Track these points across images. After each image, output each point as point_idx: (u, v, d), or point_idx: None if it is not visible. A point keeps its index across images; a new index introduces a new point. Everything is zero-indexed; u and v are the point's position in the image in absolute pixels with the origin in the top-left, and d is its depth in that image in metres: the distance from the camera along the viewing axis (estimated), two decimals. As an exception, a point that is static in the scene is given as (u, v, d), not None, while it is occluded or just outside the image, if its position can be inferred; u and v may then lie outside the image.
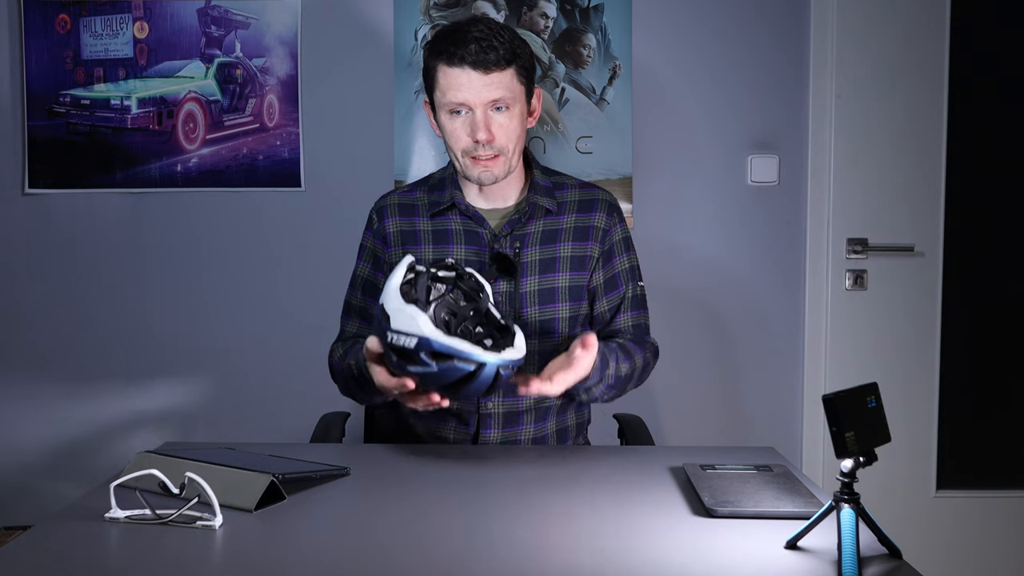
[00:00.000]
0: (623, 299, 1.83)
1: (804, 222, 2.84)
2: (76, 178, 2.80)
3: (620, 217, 1.86)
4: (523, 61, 1.71)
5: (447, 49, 1.66)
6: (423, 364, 1.42)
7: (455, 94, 1.67)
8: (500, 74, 1.67)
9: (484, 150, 1.70)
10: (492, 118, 1.69)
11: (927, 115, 2.81)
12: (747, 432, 2.85)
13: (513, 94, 1.69)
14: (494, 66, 1.66)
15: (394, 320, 1.44)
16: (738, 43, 2.80)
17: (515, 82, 1.69)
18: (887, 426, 1.15)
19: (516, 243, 1.77)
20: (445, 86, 1.68)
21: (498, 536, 1.24)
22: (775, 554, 1.16)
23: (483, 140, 1.68)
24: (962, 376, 2.90)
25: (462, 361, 1.40)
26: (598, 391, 1.69)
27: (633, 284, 1.85)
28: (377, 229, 1.84)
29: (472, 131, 1.69)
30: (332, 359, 1.83)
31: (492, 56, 1.65)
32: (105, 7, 2.76)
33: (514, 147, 1.73)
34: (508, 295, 1.75)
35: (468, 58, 1.65)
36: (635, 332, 1.84)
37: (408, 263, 1.52)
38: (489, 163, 1.71)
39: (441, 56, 1.68)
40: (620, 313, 1.83)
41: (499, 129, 1.69)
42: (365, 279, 1.85)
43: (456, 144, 1.72)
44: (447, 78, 1.67)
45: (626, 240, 1.86)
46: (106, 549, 1.21)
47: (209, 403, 2.85)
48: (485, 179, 1.73)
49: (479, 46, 1.64)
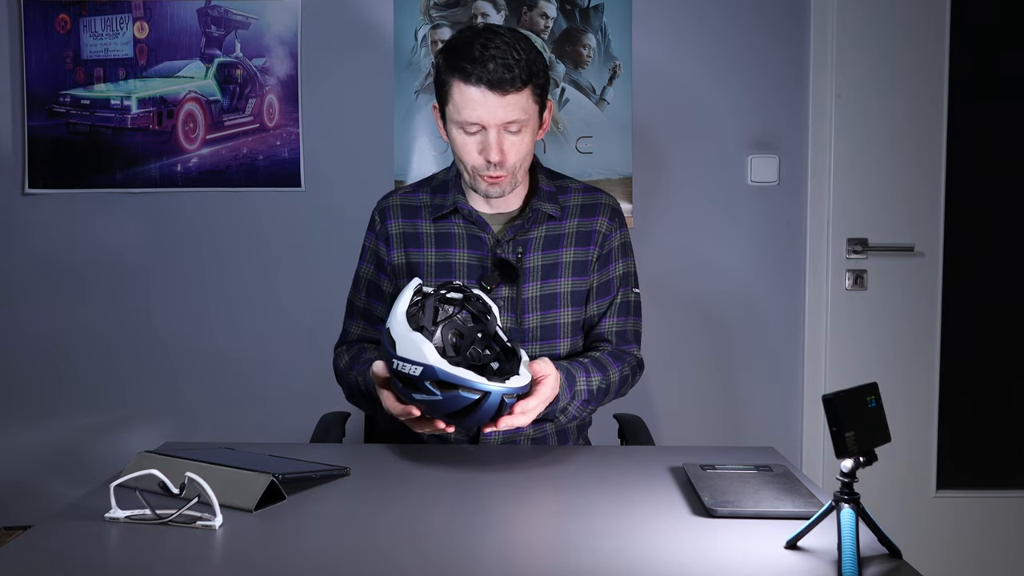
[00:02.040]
0: (611, 304, 1.82)
1: (804, 222, 2.83)
2: (76, 178, 2.80)
3: (621, 222, 1.85)
4: (540, 79, 1.67)
5: (463, 66, 1.62)
6: (428, 392, 1.43)
7: (470, 113, 1.64)
8: (517, 96, 1.63)
9: (495, 170, 1.68)
10: (504, 139, 1.66)
11: (927, 115, 2.81)
12: (747, 432, 2.85)
13: (528, 115, 1.66)
14: (511, 88, 1.62)
15: (400, 347, 1.45)
16: (738, 43, 2.80)
17: (530, 102, 1.66)
18: (887, 426, 1.14)
19: (519, 248, 1.77)
20: (460, 103, 1.64)
21: (498, 536, 1.24)
22: (775, 554, 1.16)
23: (495, 161, 1.66)
24: (962, 376, 2.90)
25: (467, 391, 1.42)
26: (573, 409, 1.70)
27: (625, 290, 1.83)
28: (379, 230, 1.83)
29: (484, 151, 1.66)
30: (338, 365, 1.83)
31: (509, 77, 1.61)
32: (105, 7, 2.76)
33: (523, 164, 1.72)
34: (510, 301, 1.75)
35: (485, 78, 1.61)
36: (617, 339, 1.82)
37: (415, 286, 1.52)
38: (498, 180, 1.70)
39: (456, 72, 1.63)
40: (606, 318, 1.82)
41: (511, 149, 1.67)
42: (368, 280, 1.85)
43: (467, 159, 1.70)
44: (462, 95, 1.63)
45: (624, 246, 1.85)
46: (106, 549, 1.21)
47: (209, 403, 2.85)
48: (492, 193, 1.73)
49: (496, 65, 1.60)
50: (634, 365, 1.84)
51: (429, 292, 1.55)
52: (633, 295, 1.85)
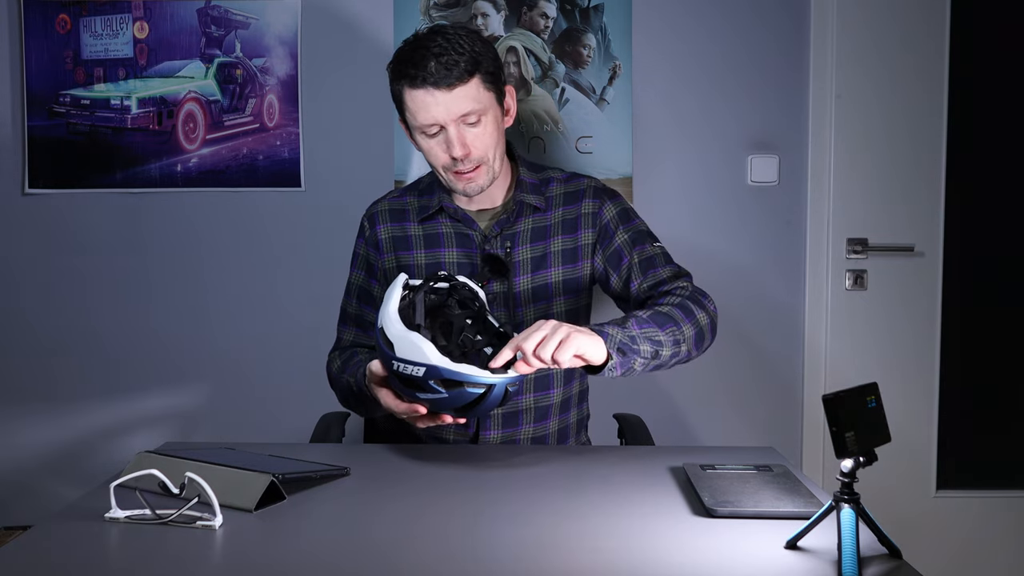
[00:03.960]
0: (631, 268, 1.75)
1: (804, 222, 2.83)
2: (76, 178, 2.80)
3: (610, 195, 1.82)
4: (486, 67, 1.67)
5: (408, 72, 1.64)
6: (433, 391, 1.44)
7: (424, 115, 1.65)
8: (464, 87, 1.64)
9: (464, 164, 1.69)
10: (465, 132, 1.67)
11: (927, 115, 2.81)
12: (747, 432, 2.85)
13: (482, 104, 1.67)
14: (457, 81, 1.63)
15: (399, 348, 1.45)
16: (738, 43, 2.80)
17: (482, 91, 1.66)
18: (887, 426, 1.15)
19: (507, 243, 1.77)
20: (413, 109, 1.66)
21: (498, 536, 1.24)
22: (775, 554, 1.16)
23: (460, 156, 1.67)
24: (962, 376, 2.90)
25: (471, 386, 1.43)
26: (622, 338, 1.50)
27: (641, 248, 1.76)
28: (369, 236, 1.84)
29: (448, 148, 1.67)
30: (330, 370, 1.83)
31: (454, 72, 1.62)
32: (105, 7, 2.76)
33: (493, 153, 1.72)
34: (502, 296, 1.75)
35: (429, 78, 1.62)
36: (651, 291, 1.72)
37: (402, 282, 1.52)
38: (472, 175, 1.71)
39: (404, 79, 1.65)
40: (632, 282, 1.75)
41: (474, 140, 1.68)
42: (360, 287, 1.86)
43: (436, 162, 1.72)
44: (413, 101, 1.65)
45: (622, 214, 1.79)
46: (106, 549, 1.21)
47: (209, 403, 2.85)
48: (471, 191, 1.73)
49: (438, 63, 1.62)
50: (689, 293, 1.70)
51: (416, 284, 1.55)
52: (653, 249, 1.76)
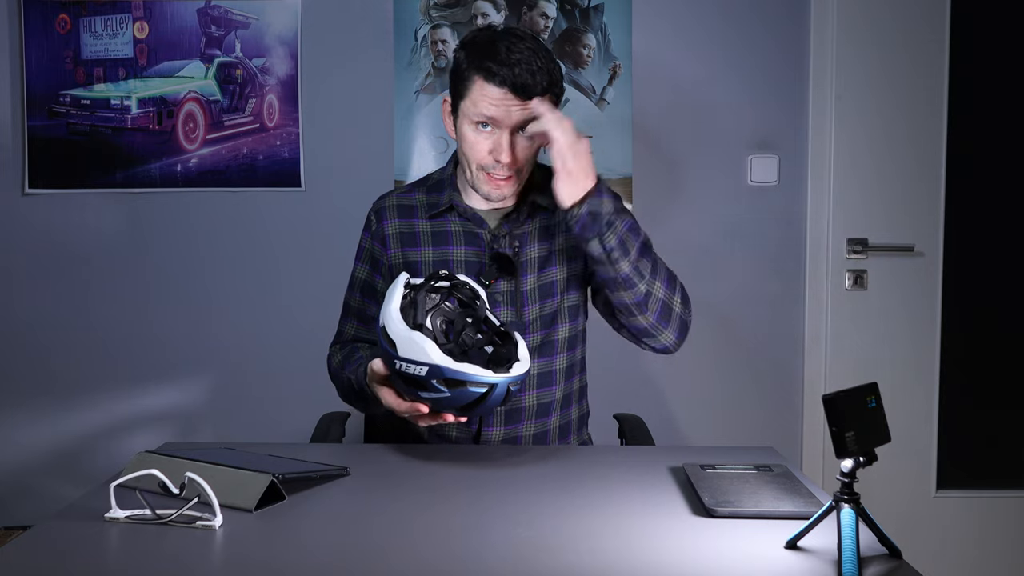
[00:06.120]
0: None
1: (804, 222, 2.83)
2: (76, 178, 2.80)
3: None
4: (557, 89, 1.70)
5: (488, 65, 1.63)
6: (435, 391, 1.44)
7: (488, 109, 1.64)
8: (536, 102, 1.64)
9: (500, 170, 1.69)
10: (517, 141, 1.67)
11: (927, 115, 2.81)
12: (747, 432, 2.85)
13: None
14: (533, 92, 1.64)
15: (401, 348, 1.45)
16: (738, 43, 2.80)
17: None
18: (887, 426, 1.14)
19: (515, 242, 1.77)
20: (478, 98, 1.65)
21: (498, 536, 1.23)
22: (775, 554, 1.16)
23: (504, 162, 1.67)
24: (962, 376, 2.90)
25: (474, 385, 1.43)
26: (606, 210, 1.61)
27: None
28: (376, 231, 1.83)
29: (495, 150, 1.67)
30: (331, 364, 1.83)
31: (532, 83, 1.63)
32: (105, 7, 2.76)
33: (528, 167, 1.73)
34: (509, 295, 1.75)
35: (508, 80, 1.62)
36: None
37: (403, 281, 1.52)
38: (503, 182, 1.70)
39: (480, 70, 1.64)
40: None
41: (521, 152, 1.68)
42: (364, 281, 1.85)
43: (474, 156, 1.70)
44: (483, 93, 1.64)
45: None
46: (106, 549, 1.21)
47: (209, 403, 2.85)
48: (495, 196, 1.73)
49: (521, 69, 1.62)
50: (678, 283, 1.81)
51: (417, 283, 1.55)
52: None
